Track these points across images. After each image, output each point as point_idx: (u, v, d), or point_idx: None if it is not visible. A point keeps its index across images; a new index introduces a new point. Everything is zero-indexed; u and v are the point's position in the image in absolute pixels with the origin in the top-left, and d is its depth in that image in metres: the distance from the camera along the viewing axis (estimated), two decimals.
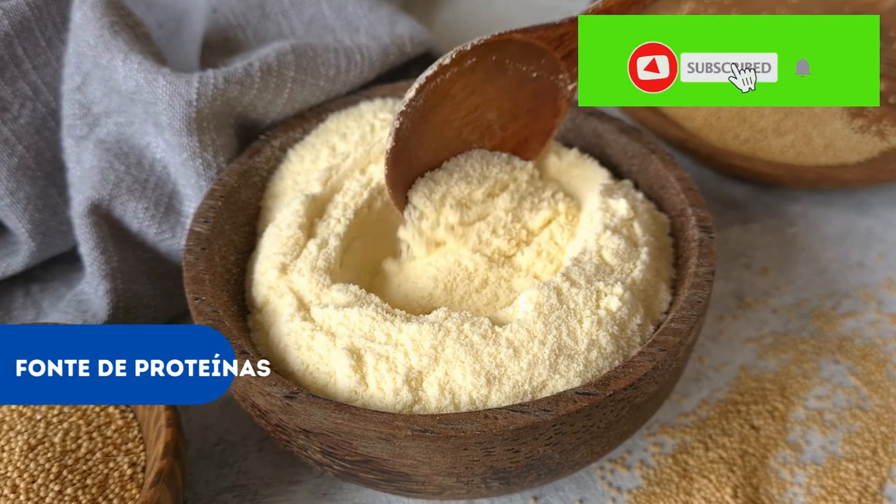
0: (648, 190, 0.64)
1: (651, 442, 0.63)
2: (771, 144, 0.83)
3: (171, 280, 0.67)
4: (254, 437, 0.62)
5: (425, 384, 0.50)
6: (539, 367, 0.50)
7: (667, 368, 0.51)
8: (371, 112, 0.68)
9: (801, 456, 0.62)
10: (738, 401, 0.65)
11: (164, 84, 0.62)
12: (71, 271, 0.71)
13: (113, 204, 0.66)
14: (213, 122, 0.64)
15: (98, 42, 0.64)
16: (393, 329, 0.51)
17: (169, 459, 0.51)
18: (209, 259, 0.57)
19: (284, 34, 0.78)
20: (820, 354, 0.69)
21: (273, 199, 0.64)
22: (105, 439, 0.55)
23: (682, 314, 0.53)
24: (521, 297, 0.53)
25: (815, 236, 0.79)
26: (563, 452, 0.50)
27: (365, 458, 0.49)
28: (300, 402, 0.48)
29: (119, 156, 0.67)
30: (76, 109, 0.67)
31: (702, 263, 0.56)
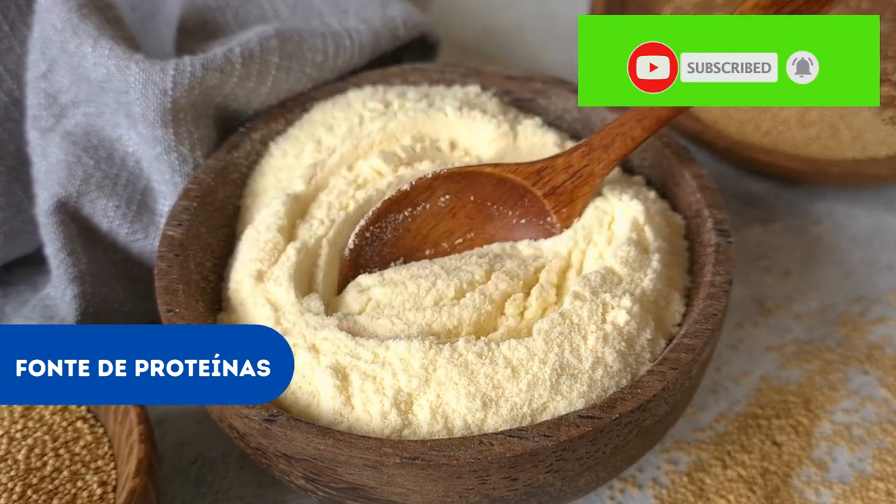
0: (662, 187, 0.64)
1: (664, 459, 0.63)
2: (794, 136, 0.82)
3: (144, 283, 0.67)
4: (234, 453, 0.62)
5: (415, 407, 0.50)
6: (539, 388, 0.50)
7: (678, 388, 0.51)
8: (360, 101, 0.67)
9: (827, 474, 0.62)
10: (758, 414, 0.65)
11: (136, 72, 0.62)
12: (36, 274, 0.71)
13: (81, 201, 0.65)
14: (189, 113, 0.64)
15: (65, 26, 0.64)
16: (379, 347, 0.51)
17: (142, 478, 0.51)
18: (183, 266, 0.56)
19: (268, 17, 0.77)
20: (847, 364, 0.69)
21: (253, 197, 0.64)
22: (73, 456, 0.55)
23: (695, 328, 0.52)
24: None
25: (841, 236, 0.79)
26: (566, 480, 0.50)
27: (351, 485, 0.49)
28: (280, 426, 0.48)
29: (88, 149, 0.66)
30: (41, 99, 0.67)
31: (718, 271, 0.55)
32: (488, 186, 0.60)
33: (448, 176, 0.60)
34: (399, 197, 0.60)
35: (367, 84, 0.69)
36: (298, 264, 0.57)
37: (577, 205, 0.59)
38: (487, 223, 0.61)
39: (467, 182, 0.60)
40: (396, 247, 0.60)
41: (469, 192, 0.60)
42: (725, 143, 0.78)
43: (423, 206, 0.60)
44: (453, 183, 0.60)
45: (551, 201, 0.59)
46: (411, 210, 0.60)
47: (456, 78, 0.70)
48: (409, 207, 0.60)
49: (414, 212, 0.60)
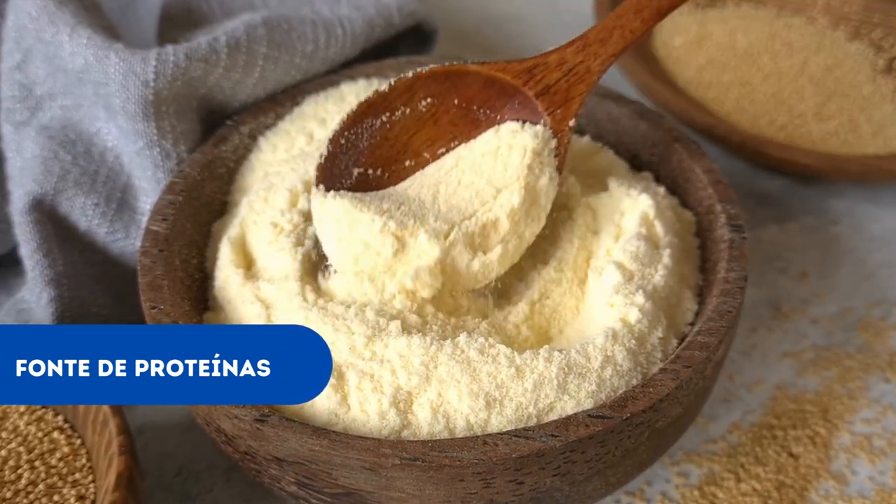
0: (671, 183, 0.64)
1: (674, 471, 0.63)
2: (811, 131, 0.83)
3: (124, 286, 0.67)
4: (220, 465, 0.62)
5: (415, 406, 0.50)
6: (545, 388, 0.50)
7: (692, 388, 0.51)
8: (353, 94, 0.68)
9: (846, 488, 0.62)
10: (773, 425, 0.65)
11: (116, 62, 0.62)
12: (10, 276, 0.71)
13: (58, 199, 0.65)
14: (172, 105, 0.64)
15: (41, 14, 0.64)
16: (378, 344, 0.51)
17: (122, 492, 0.51)
18: (168, 262, 0.57)
19: (255, 5, 0.77)
20: (867, 371, 0.69)
21: (241, 193, 0.64)
22: (49, 469, 0.55)
23: (709, 326, 0.53)
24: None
25: (861, 236, 0.79)
26: (574, 484, 0.50)
27: (347, 490, 0.49)
28: (272, 426, 0.48)
29: (65, 144, 0.67)
30: (16, 91, 0.67)
31: (732, 268, 0.56)
32: (474, 87, 0.58)
33: (430, 76, 0.58)
34: (376, 99, 0.58)
35: (362, 77, 0.70)
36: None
37: (573, 105, 0.58)
38: (473, 130, 0.59)
39: (451, 83, 0.58)
40: (373, 156, 0.58)
41: (453, 94, 0.58)
42: (739, 138, 0.78)
43: (402, 111, 0.58)
44: (435, 84, 0.58)
45: (544, 101, 0.58)
46: (389, 115, 0.58)
47: None
48: (387, 112, 0.58)
49: (392, 117, 0.58)
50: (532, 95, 0.58)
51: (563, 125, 0.58)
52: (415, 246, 0.53)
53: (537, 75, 0.58)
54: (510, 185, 0.56)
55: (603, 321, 0.53)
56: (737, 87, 0.87)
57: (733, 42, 0.92)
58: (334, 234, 0.55)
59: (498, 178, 0.56)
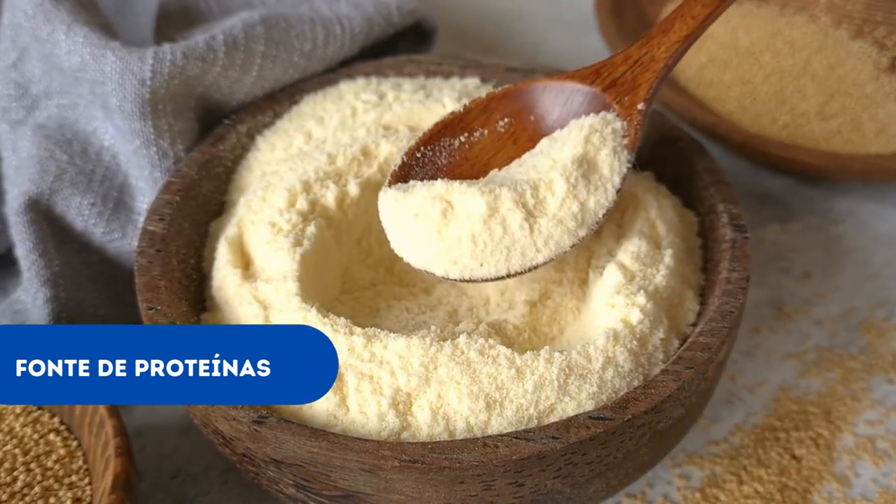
0: (673, 183, 0.64)
1: (676, 474, 0.63)
2: (814, 130, 0.83)
3: (120, 286, 0.67)
4: (217, 467, 0.62)
5: (415, 408, 0.50)
6: (546, 389, 0.50)
7: (694, 389, 0.51)
8: (352, 93, 0.68)
9: (849, 490, 0.62)
10: (776, 426, 0.66)
11: (113, 60, 0.62)
12: (6, 276, 0.71)
13: (54, 199, 0.65)
14: (169, 104, 0.64)
15: (37, 12, 0.64)
16: (377, 345, 0.51)
17: (118, 494, 0.51)
18: (165, 262, 0.57)
19: (253, 3, 0.78)
20: (871, 372, 0.69)
21: (239, 192, 0.64)
22: (45, 471, 0.55)
23: (711, 326, 0.53)
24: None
25: (864, 236, 0.80)
26: (575, 486, 0.50)
27: (345, 492, 0.49)
28: (270, 427, 0.48)
29: (61, 143, 0.67)
30: (12, 90, 0.67)
31: (735, 268, 0.56)
32: (547, 100, 0.59)
33: (503, 95, 0.59)
34: (452, 120, 0.59)
35: (360, 76, 0.70)
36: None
37: (640, 91, 0.58)
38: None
39: (525, 100, 0.59)
40: (453, 174, 0.58)
41: (529, 111, 0.59)
42: (740, 137, 0.79)
43: (480, 132, 0.59)
44: (510, 102, 0.59)
45: (612, 93, 0.58)
46: (468, 136, 0.59)
47: (454, 70, 0.70)
48: (465, 133, 0.59)
49: (471, 138, 0.59)
50: (600, 90, 0.59)
51: (632, 110, 0.58)
52: (462, 205, 0.53)
53: (603, 73, 0.59)
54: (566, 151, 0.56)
55: (604, 322, 0.53)
56: (739, 86, 0.87)
57: (735, 40, 0.92)
58: (391, 220, 0.55)
59: (556, 152, 0.56)
